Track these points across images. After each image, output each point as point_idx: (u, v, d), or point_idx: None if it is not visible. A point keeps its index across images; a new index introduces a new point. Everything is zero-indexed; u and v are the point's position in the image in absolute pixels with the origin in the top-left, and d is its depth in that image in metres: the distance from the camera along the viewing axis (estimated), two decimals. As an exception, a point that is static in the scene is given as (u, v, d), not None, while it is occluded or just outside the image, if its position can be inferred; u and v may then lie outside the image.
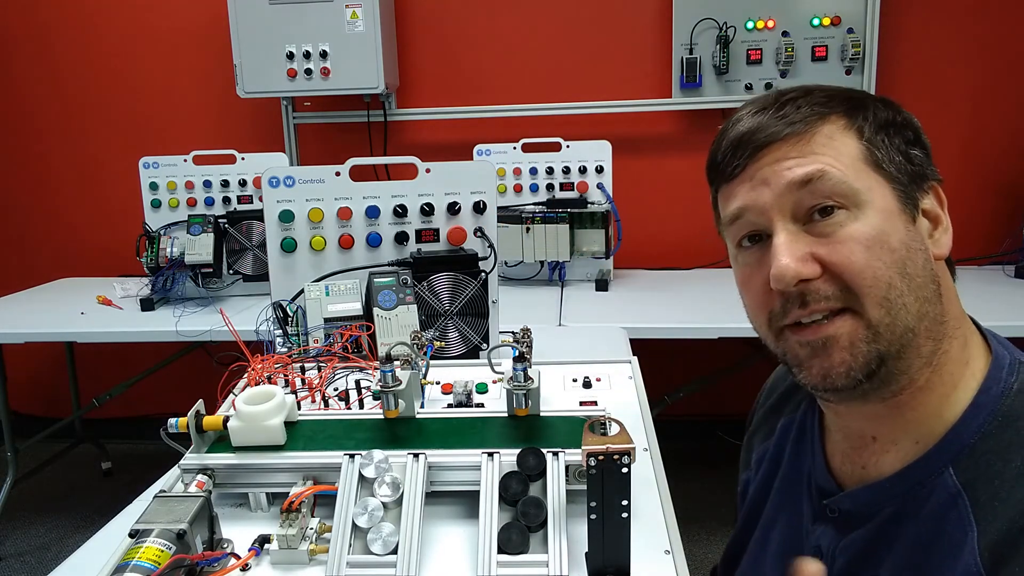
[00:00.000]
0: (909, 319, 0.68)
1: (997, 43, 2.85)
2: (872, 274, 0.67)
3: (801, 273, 0.68)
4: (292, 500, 0.80)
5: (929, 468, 0.70)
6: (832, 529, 0.78)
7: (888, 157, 0.70)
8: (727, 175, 0.75)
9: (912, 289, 0.68)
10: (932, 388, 0.71)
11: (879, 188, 0.69)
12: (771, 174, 0.71)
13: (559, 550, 0.74)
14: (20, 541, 2.84)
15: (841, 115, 0.71)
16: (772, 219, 0.71)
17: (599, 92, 3.03)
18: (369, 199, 1.46)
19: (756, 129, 0.72)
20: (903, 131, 0.72)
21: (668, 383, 2.76)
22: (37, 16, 3.25)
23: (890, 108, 0.74)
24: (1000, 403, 0.69)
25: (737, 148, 0.73)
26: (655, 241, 3.02)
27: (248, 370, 1.09)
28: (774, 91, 0.75)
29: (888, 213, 0.69)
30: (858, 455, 0.78)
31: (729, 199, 0.75)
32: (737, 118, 0.75)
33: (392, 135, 3.16)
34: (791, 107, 0.72)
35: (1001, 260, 2.68)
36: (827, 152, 0.69)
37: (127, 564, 0.66)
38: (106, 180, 3.33)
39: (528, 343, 1.06)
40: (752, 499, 0.94)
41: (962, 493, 0.67)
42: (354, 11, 2.76)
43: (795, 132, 0.70)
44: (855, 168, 0.69)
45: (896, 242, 0.68)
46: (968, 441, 0.69)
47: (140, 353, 3.11)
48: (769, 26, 2.83)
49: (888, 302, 0.67)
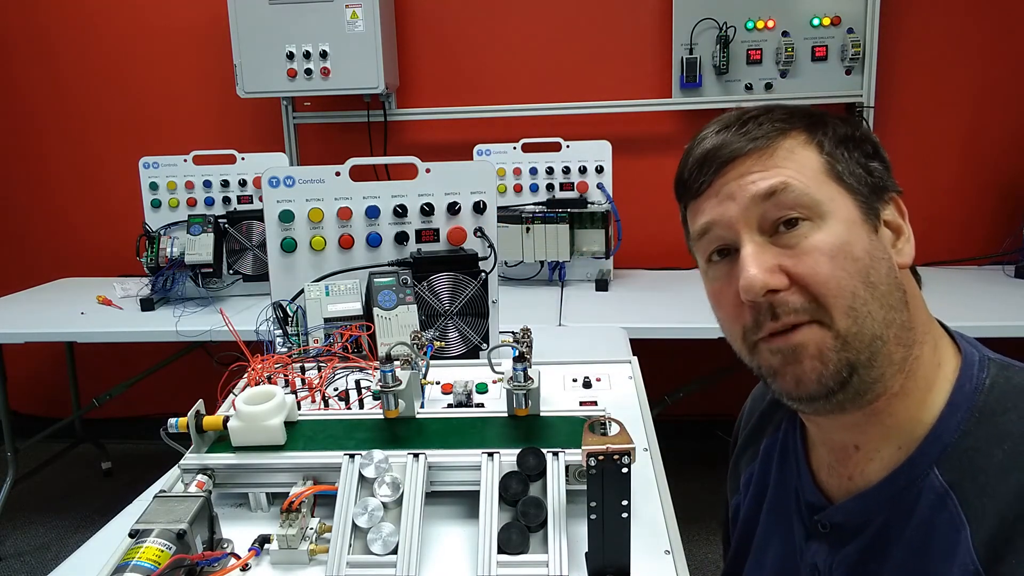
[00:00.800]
0: (876, 327, 0.69)
1: (997, 43, 2.85)
2: (837, 284, 0.68)
3: (769, 283, 0.69)
4: (292, 500, 0.80)
5: (914, 471, 0.71)
6: (826, 545, 0.79)
7: (848, 169, 0.72)
8: (694, 191, 0.77)
9: (876, 297, 0.69)
10: (908, 393, 0.72)
11: (841, 199, 0.71)
12: (736, 188, 0.73)
13: (559, 550, 0.74)
14: (20, 541, 2.84)
15: (802, 130, 0.74)
16: (739, 232, 0.72)
17: (599, 92, 3.03)
18: (369, 199, 1.46)
19: (720, 146, 0.74)
20: (862, 145, 0.75)
21: (668, 383, 2.76)
22: (37, 16, 3.25)
23: (848, 124, 0.76)
24: (975, 399, 0.70)
25: (703, 165, 0.75)
26: (655, 241, 3.02)
27: (248, 370, 1.09)
28: (737, 111, 0.77)
29: (850, 223, 0.70)
30: (843, 466, 0.78)
31: (697, 214, 0.77)
32: (702, 136, 0.77)
33: (392, 135, 3.16)
34: (753, 124, 0.74)
35: (1001, 260, 2.68)
36: (789, 165, 0.71)
37: (127, 564, 0.66)
38: (106, 180, 3.33)
39: (528, 343, 1.06)
40: (743, 523, 0.94)
41: (950, 492, 0.68)
42: (354, 11, 2.76)
43: (758, 147, 0.73)
44: (817, 180, 0.71)
45: (860, 251, 0.69)
46: (949, 440, 0.69)
47: (140, 353, 3.11)
48: (769, 26, 2.83)
49: (854, 311, 0.68)
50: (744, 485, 0.95)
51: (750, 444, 0.96)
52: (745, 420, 1.00)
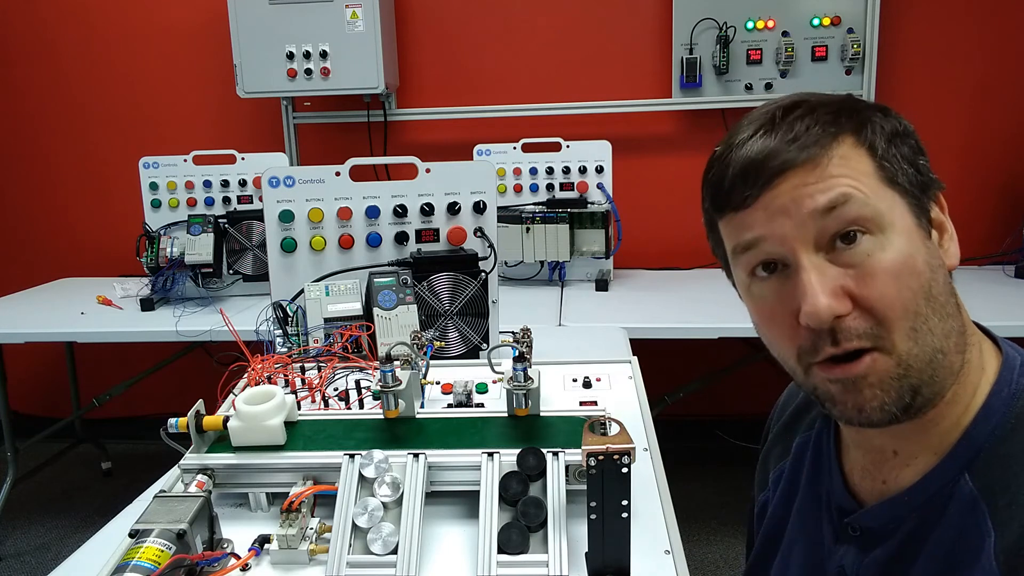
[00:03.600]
0: (936, 341, 0.66)
1: (997, 43, 2.85)
2: (903, 305, 0.65)
3: (836, 311, 0.65)
4: (292, 500, 0.80)
5: (945, 476, 0.69)
6: (855, 548, 0.77)
7: (901, 170, 0.68)
8: (736, 204, 0.70)
9: (936, 310, 0.66)
10: (957, 400, 0.69)
11: (898, 206, 0.67)
12: (790, 203, 0.67)
13: (559, 550, 0.74)
14: (20, 541, 2.84)
15: (850, 132, 0.68)
16: (795, 250, 0.67)
17: (599, 92, 3.03)
18: (369, 199, 1.46)
19: (768, 155, 0.68)
20: (908, 140, 0.70)
21: (668, 383, 2.76)
22: (38, 16, 3.25)
23: (889, 116, 0.71)
24: (1012, 405, 0.67)
25: (747, 175, 0.69)
26: (655, 241, 3.02)
27: (248, 370, 1.09)
28: (773, 107, 0.71)
29: (909, 233, 0.67)
30: (878, 470, 0.76)
31: (741, 229, 0.71)
32: (740, 140, 0.70)
33: (392, 135, 3.16)
34: (799, 126, 0.68)
35: (1001, 260, 2.68)
36: (846, 174, 0.66)
37: (127, 564, 0.66)
38: (106, 180, 3.33)
39: (528, 343, 1.06)
40: (771, 521, 0.91)
41: (979, 499, 0.66)
42: (354, 11, 2.76)
43: (811, 156, 0.66)
44: (874, 188, 0.66)
45: (921, 263, 0.66)
46: (982, 445, 0.67)
47: (140, 353, 3.11)
48: (769, 26, 2.83)
49: (915, 332, 0.65)
50: (773, 482, 0.92)
51: (781, 440, 0.93)
52: (777, 415, 0.97)
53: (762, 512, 0.95)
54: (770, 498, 0.93)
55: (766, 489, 0.94)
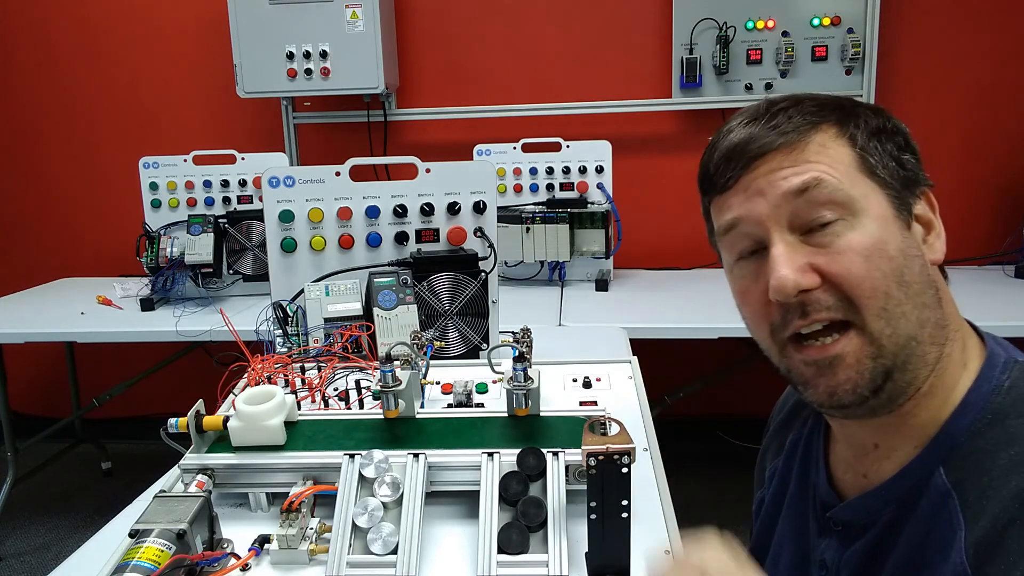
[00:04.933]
0: (910, 327, 0.68)
1: (997, 43, 2.85)
2: (871, 284, 0.67)
3: (801, 284, 0.67)
4: (292, 500, 0.80)
5: (922, 470, 0.70)
6: (836, 542, 0.78)
7: (881, 163, 0.70)
8: (720, 186, 0.75)
9: (910, 296, 0.68)
10: (934, 393, 0.71)
11: (874, 195, 0.69)
12: (766, 184, 0.70)
13: (559, 550, 0.74)
14: (20, 541, 2.84)
15: (832, 123, 0.71)
16: (769, 229, 0.70)
17: (599, 92, 3.03)
18: (369, 199, 1.46)
19: (749, 140, 0.72)
20: (894, 137, 0.73)
21: (668, 383, 2.76)
22: (37, 16, 3.25)
23: (880, 115, 0.74)
24: (990, 400, 0.69)
25: (730, 159, 0.73)
26: (655, 241, 3.02)
27: (248, 370, 1.09)
28: (764, 101, 0.75)
29: (884, 220, 0.69)
30: (859, 463, 0.78)
31: (723, 210, 0.75)
32: (728, 129, 0.75)
33: (392, 135, 3.16)
34: (782, 117, 0.71)
35: (1001, 260, 2.68)
36: (821, 160, 0.69)
37: (127, 564, 0.66)
38: (106, 180, 3.33)
39: (528, 343, 1.06)
40: (765, 517, 0.93)
41: (951, 493, 0.67)
42: (354, 11, 2.76)
43: (788, 142, 0.70)
44: (850, 175, 0.69)
45: (894, 249, 0.68)
46: (958, 440, 0.68)
47: (140, 353, 3.11)
48: (769, 26, 2.83)
49: (887, 312, 0.67)
50: (768, 479, 0.95)
51: (777, 438, 0.95)
52: (776, 413, 0.99)
53: (759, 508, 0.96)
54: (766, 494, 0.95)
55: (763, 486, 0.96)
